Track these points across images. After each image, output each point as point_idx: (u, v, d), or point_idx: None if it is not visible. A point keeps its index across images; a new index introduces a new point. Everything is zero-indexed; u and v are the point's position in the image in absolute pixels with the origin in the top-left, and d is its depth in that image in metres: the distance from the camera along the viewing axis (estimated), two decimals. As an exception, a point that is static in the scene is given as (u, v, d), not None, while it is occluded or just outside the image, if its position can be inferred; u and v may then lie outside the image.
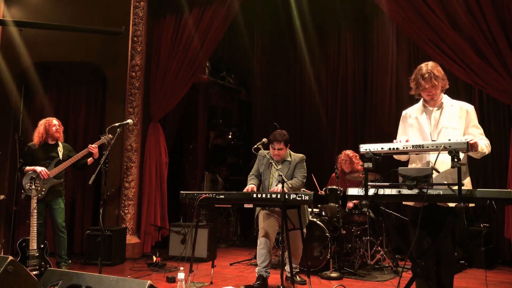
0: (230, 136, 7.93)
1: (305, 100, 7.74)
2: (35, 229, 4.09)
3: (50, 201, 4.64)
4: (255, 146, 4.19)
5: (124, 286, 2.22)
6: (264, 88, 8.16)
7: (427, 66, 2.90)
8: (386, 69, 6.82)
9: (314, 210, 5.42)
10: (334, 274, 4.62)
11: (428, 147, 2.62)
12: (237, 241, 7.60)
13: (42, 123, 4.81)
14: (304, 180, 4.29)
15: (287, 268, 4.29)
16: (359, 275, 4.74)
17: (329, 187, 5.25)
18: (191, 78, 6.16)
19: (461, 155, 2.58)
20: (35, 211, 4.12)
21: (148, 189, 6.10)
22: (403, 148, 2.70)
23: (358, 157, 5.43)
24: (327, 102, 7.47)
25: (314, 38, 7.50)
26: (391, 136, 3.22)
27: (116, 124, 3.85)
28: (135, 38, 6.18)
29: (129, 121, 3.86)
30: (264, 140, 4.25)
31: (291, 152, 4.42)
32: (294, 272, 4.26)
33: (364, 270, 4.94)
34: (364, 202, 2.76)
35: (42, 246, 4.23)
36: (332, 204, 5.08)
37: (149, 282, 2.17)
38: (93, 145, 4.68)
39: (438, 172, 2.55)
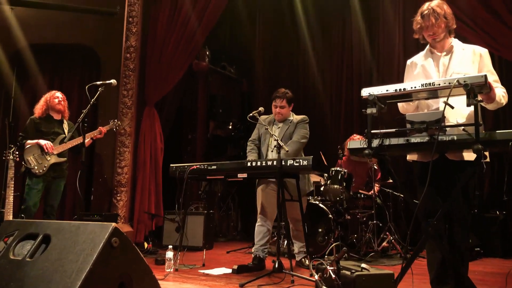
0: (230, 127, 7.60)
1: (308, 90, 7.49)
2: (11, 200, 3.79)
3: (52, 180, 4.32)
4: (251, 114, 3.90)
5: (85, 231, 1.91)
6: (266, 79, 7.89)
7: (430, 3, 2.60)
8: (393, 52, 6.54)
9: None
10: (338, 259, 4.25)
11: (439, 84, 2.29)
12: (237, 236, 7.22)
13: (44, 96, 4.53)
14: (303, 141, 3.96)
15: (295, 250, 3.99)
16: (365, 260, 4.37)
17: (334, 168, 4.94)
18: (188, 59, 5.89)
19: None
20: (12, 182, 3.84)
21: (142, 175, 5.77)
22: (411, 88, 2.38)
23: None
24: (331, 92, 7.22)
25: (317, 27, 7.28)
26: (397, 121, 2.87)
27: (98, 83, 3.56)
28: (130, 19, 5.93)
29: (113, 81, 3.58)
30: (261, 109, 3.99)
31: (294, 114, 4.16)
32: (301, 253, 3.96)
33: (370, 257, 4.57)
34: (367, 151, 2.43)
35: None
36: (335, 186, 4.74)
37: (113, 224, 1.86)
38: (103, 128, 4.55)
39: (452, 107, 2.21)
